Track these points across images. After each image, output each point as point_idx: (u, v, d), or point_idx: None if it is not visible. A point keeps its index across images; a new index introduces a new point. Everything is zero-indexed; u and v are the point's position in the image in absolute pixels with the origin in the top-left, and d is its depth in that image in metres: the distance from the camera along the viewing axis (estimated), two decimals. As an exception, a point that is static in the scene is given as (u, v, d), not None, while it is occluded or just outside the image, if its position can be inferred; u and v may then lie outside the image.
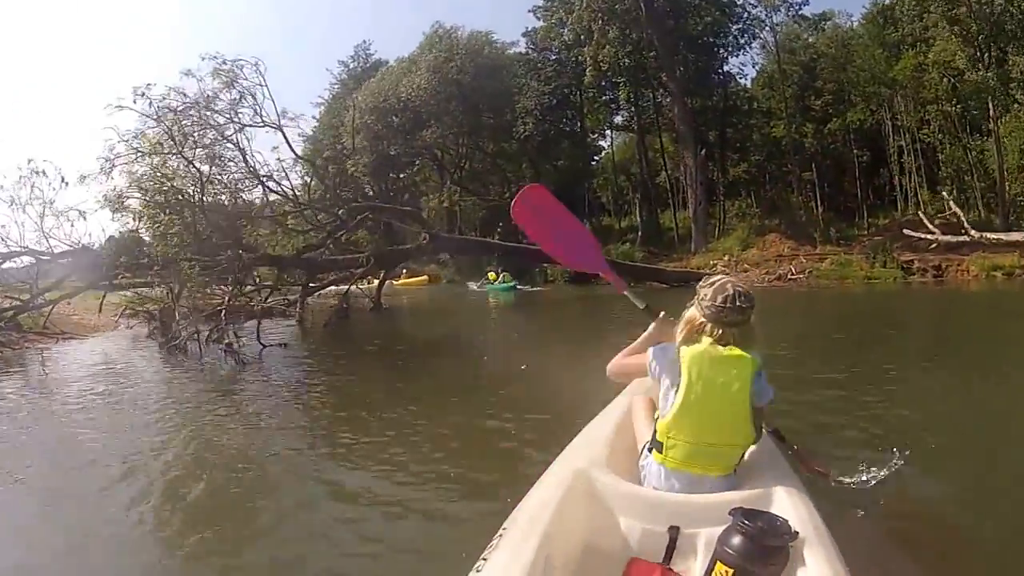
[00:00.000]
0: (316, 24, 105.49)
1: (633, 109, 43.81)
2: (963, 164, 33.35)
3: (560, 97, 44.83)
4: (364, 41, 63.81)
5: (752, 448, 3.35)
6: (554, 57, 44.91)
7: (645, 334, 4.06)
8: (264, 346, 13.54)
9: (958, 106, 33.14)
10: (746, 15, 38.67)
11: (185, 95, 17.82)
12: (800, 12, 37.88)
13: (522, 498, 3.22)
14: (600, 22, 37.20)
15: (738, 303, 3.17)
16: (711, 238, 35.22)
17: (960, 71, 31.26)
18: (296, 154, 21.21)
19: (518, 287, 33.27)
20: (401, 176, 55.18)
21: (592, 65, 38.30)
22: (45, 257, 17.10)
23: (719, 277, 3.37)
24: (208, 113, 18.19)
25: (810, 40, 40.26)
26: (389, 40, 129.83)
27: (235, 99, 18.53)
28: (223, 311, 14.46)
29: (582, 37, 39.71)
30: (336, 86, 58.18)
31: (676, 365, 3.17)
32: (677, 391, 3.13)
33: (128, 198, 17.02)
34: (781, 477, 3.18)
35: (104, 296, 18.39)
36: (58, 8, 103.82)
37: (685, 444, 3.12)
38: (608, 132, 51.86)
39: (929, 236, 27.46)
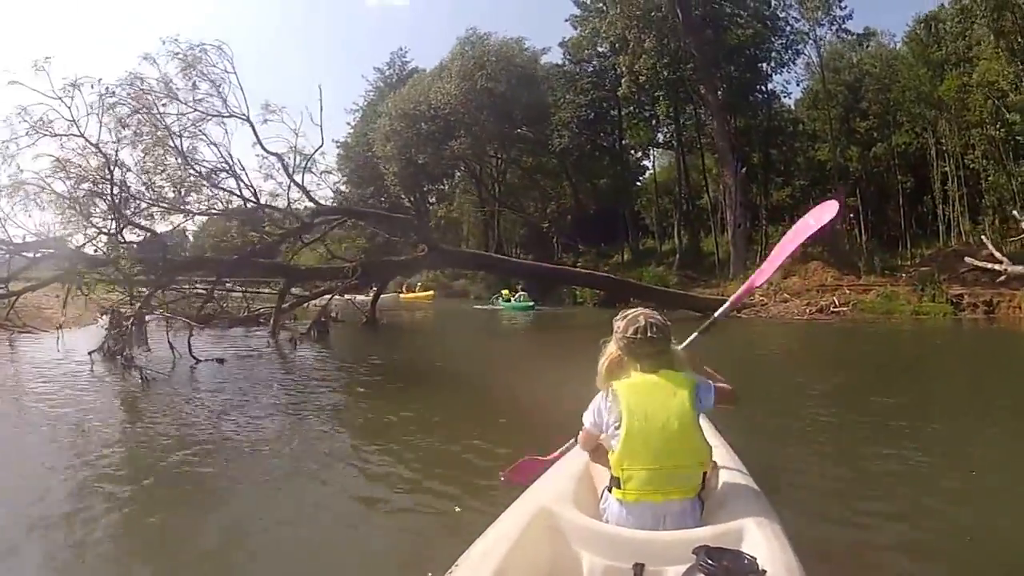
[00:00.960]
0: (360, 33, 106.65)
1: (673, 125, 42.25)
2: (1006, 192, 31.71)
3: (597, 110, 43.59)
4: (400, 48, 63.09)
5: (724, 479, 3.46)
6: (591, 68, 43.68)
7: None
8: (197, 360, 13.00)
9: (1002, 130, 31.74)
10: (789, 28, 37.09)
11: (143, 80, 16.90)
12: (844, 26, 36.01)
13: (480, 533, 3.15)
14: (635, 30, 35.76)
15: (649, 334, 3.29)
16: (751, 264, 33.27)
17: (1004, 92, 30.02)
18: (265, 149, 19.38)
19: (536, 307, 32.32)
20: (435, 187, 54.61)
21: (628, 75, 36.91)
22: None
23: (634, 310, 3.48)
24: (161, 100, 17.21)
25: (854, 59, 38.35)
26: (428, 48, 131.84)
27: (191, 86, 17.51)
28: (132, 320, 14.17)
29: (616, 45, 38.42)
30: (371, 93, 57.70)
31: (613, 403, 3.23)
32: (621, 424, 3.16)
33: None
34: (753, 510, 3.12)
35: (69, 290, 16.89)
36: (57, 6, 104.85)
37: (639, 472, 3.12)
38: (651, 151, 50.57)
39: (995, 266, 25.48)
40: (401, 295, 47.73)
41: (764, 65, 38.42)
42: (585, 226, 45.47)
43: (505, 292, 35.72)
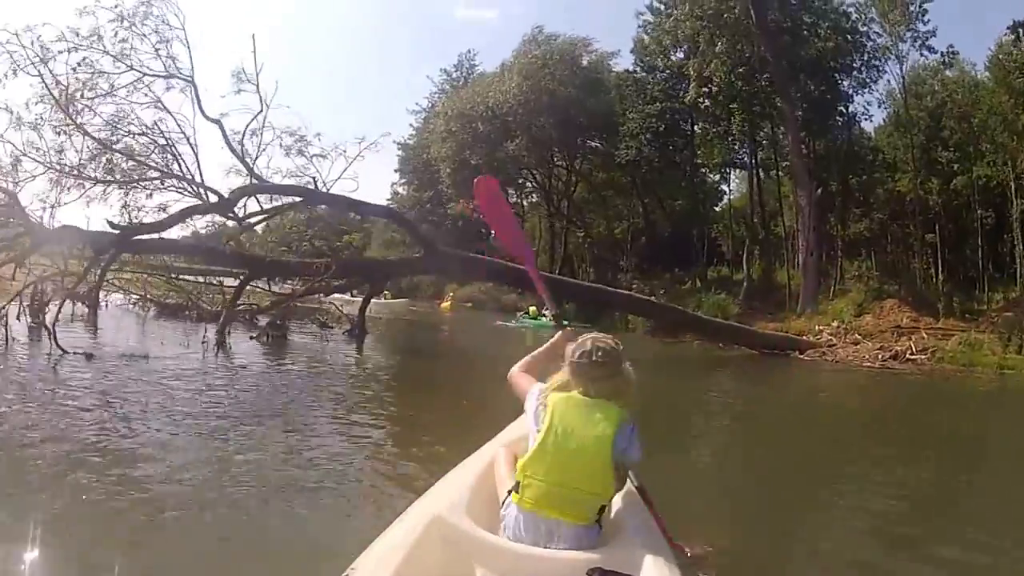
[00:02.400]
0: (448, 44, 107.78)
1: (748, 143, 39.45)
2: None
3: (668, 122, 40.62)
4: (469, 50, 60.86)
5: (620, 507, 3.52)
6: (662, 75, 40.91)
7: (548, 343, 4.16)
8: (64, 352, 12.27)
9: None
10: (870, 44, 34.18)
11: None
12: (927, 43, 33.16)
13: (373, 540, 3.12)
14: (706, 31, 33.55)
15: (594, 358, 3.37)
16: (822, 298, 30.60)
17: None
18: (205, 116, 17.60)
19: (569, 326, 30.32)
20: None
21: (696, 80, 34.57)
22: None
23: (590, 335, 3.57)
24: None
25: (935, 86, 35.17)
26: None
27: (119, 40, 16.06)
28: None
29: (685, 46, 36.35)
30: (436, 94, 55.83)
31: (543, 407, 3.35)
32: (538, 433, 3.28)
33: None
34: (649, 540, 3.20)
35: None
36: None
37: (540, 484, 3.19)
38: (728, 174, 48.16)
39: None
40: (441, 304, 46.72)
41: (844, 83, 35.47)
42: (658, 249, 43.34)
43: (532, 309, 34.54)
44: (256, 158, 18.21)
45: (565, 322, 4.46)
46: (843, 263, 35.14)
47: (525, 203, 56.67)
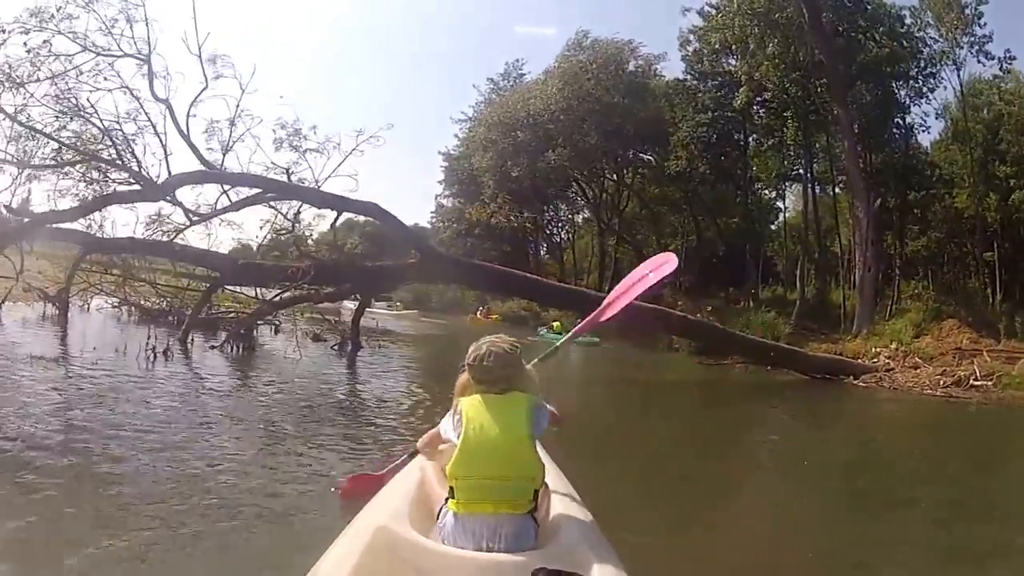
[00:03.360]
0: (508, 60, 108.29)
1: (802, 153, 37.51)
2: None
3: (720, 132, 38.91)
4: (518, 60, 57.72)
5: (553, 501, 3.62)
6: (713, 83, 39.06)
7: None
8: None
9: None
10: (927, 50, 32.78)
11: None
12: (984, 47, 31.56)
13: (321, 554, 3.16)
14: (756, 31, 32.20)
15: (485, 362, 3.47)
16: (879, 318, 28.69)
17: None
18: (155, 95, 16.37)
19: (599, 343, 29.86)
20: (545, 209, 52.08)
21: (747, 83, 33.36)
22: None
23: (487, 337, 3.63)
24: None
25: (993, 98, 33.95)
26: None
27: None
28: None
29: (733, 47, 34.91)
30: (482, 104, 53.27)
31: (459, 419, 3.37)
32: (459, 437, 3.30)
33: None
34: (588, 536, 3.28)
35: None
36: None
37: (472, 481, 3.24)
38: (784, 191, 46.49)
39: None
40: (470, 317, 45.43)
41: (900, 93, 34.08)
42: (712, 268, 42.25)
43: (556, 325, 33.64)
44: (229, 148, 17.11)
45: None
46: (900, 283, 33.71)
47: (577, 218, 55.91)
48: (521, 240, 55.61)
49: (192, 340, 15.85)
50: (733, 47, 35.09)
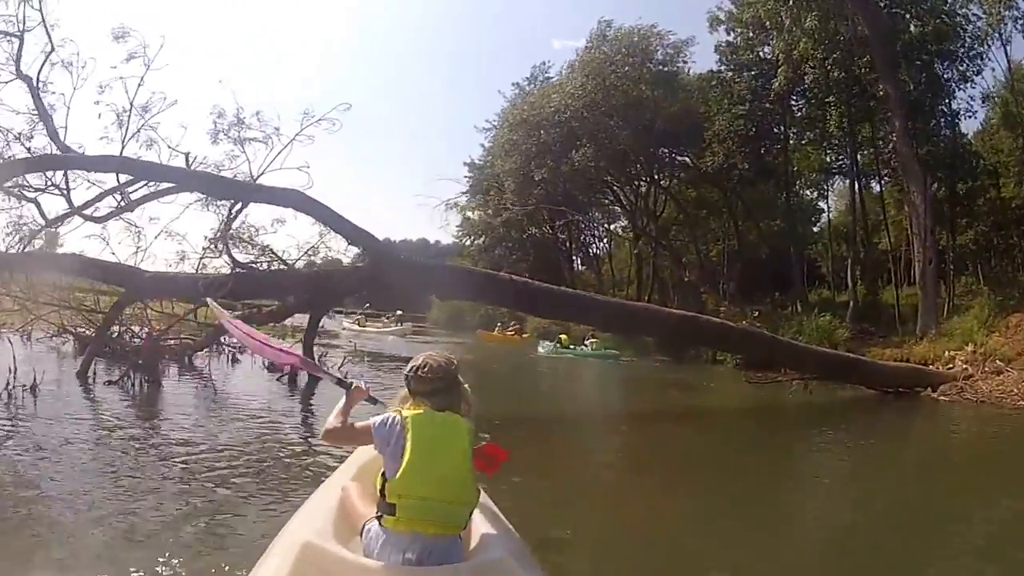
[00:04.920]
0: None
1: (847, 142, 35.05)
2: None
3: (758, 124, 36.19)
4: (544, 62, 56.73)
5: (480, 519, 3.63)
6: (749, 73, 36.49)
7: (340, 403, 3.89)
8: None
9: None
10: (971, 27, 30.58)
11: None
12: None
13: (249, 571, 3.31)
14: (792, 2, 30.08)
15: (420, 373, 3.52)
16: (941, 316, 26.12)
17: None
18: (20, 73, 14.23)
19: (619, 357, 29.21)
20: (575, 218, 49.72)
21: (785, 63, 31.22)
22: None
23: (427, 352, 3.70)
24: None
25: None
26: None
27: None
28: None
29: (768, 23, 32.54)
30: (507, 109, 50.48)
31: (401, 430, 3.36)
32: (404, 453, 3.28)
33: None
34: (511, 548, 3.41)
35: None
36: None
37: (416, 501, 3.24)
38: (826, 191, 44.73)
39: None
40: (479, 333, 44.05)
41: (948, 74, 32.00)
42: (756, 273, 39.94)
43: (563, 338, 32.48)
44: (128, 137, 14.64)
45: (351, 382, 4.06)
46: (953, 278, 32.01)
47: (614, 227, 53.98)
48: (555, 252, 53.27)
49: (94, 374, 13.35)
50: (767, 23, 32.81)
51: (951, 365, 20.26)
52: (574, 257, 56.97)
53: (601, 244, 57.50)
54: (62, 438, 8.51)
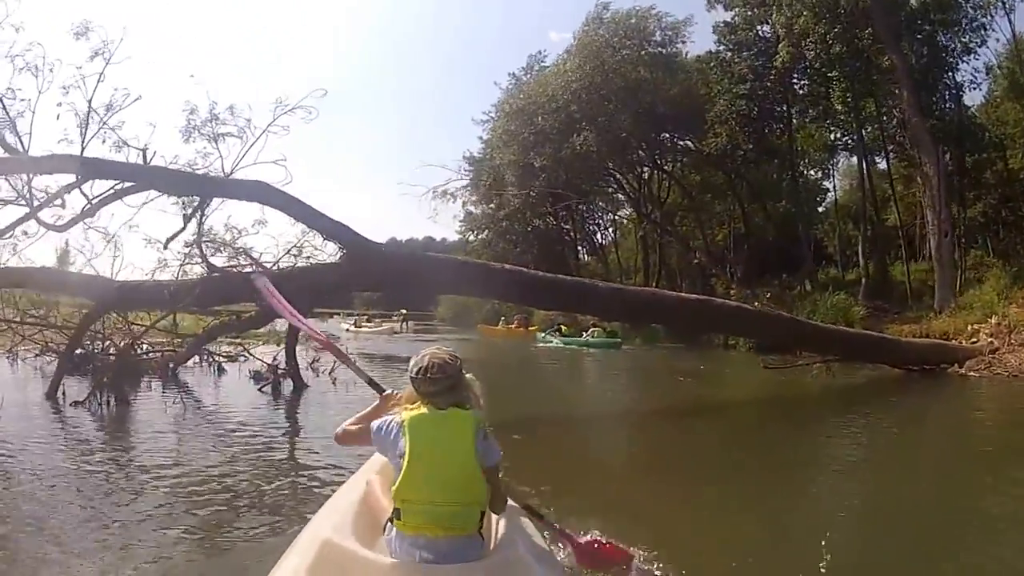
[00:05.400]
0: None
1: (851, 116, 34.10)
2: None
3: (760, 106, 35.86)
4: (539, 51, 54.95)
5: (503, 518, 3.53)
6: (749, 52, 35.79)
7: (371, 407, 4.04)
8: None
9: None
10: None
11: None
12: None
13: (270, 571, 3.13)
14: None
15: (429, 375, 3.30)
16: (959, 289, 25.77)
17: None
18: None
19: (621, 345, 29.01)
20: (579, 208, 49.06)
21: (787, 36, 30.69)
22: None
23: (428, 349, 3.51)
24: None
25: None
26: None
27: None
28: None
29: None
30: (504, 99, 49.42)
31: (398, 433, 3.29)
32: (404, 456, 3.21)
33: None
34: (532, 546, 3.36)
35: None
36: None
37: (420, 505, 3.18)
38: (830, 170, 44.39)
39: None
40: (480, 327, 44.35)
41: (951, 45, 31.55)
42: (762, 255, 39.54)
43: (564, 328, 33.14)
44: (89, 138, 13.16)
45: (385, 389, 4.19)
46: (964, 252, 31.38)
47: (618, 216, 53.61)
48: (559, 244, 52.65)
49: (63, 393, 12.13)
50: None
51: (975, 339, 19.58)
52: (579, 247, 56.35)
53: (607, 233, 57.20)
54: (22, 467, 7.57)
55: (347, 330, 42.65)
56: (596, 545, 4.33)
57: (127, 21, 42.06)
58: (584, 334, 31.31)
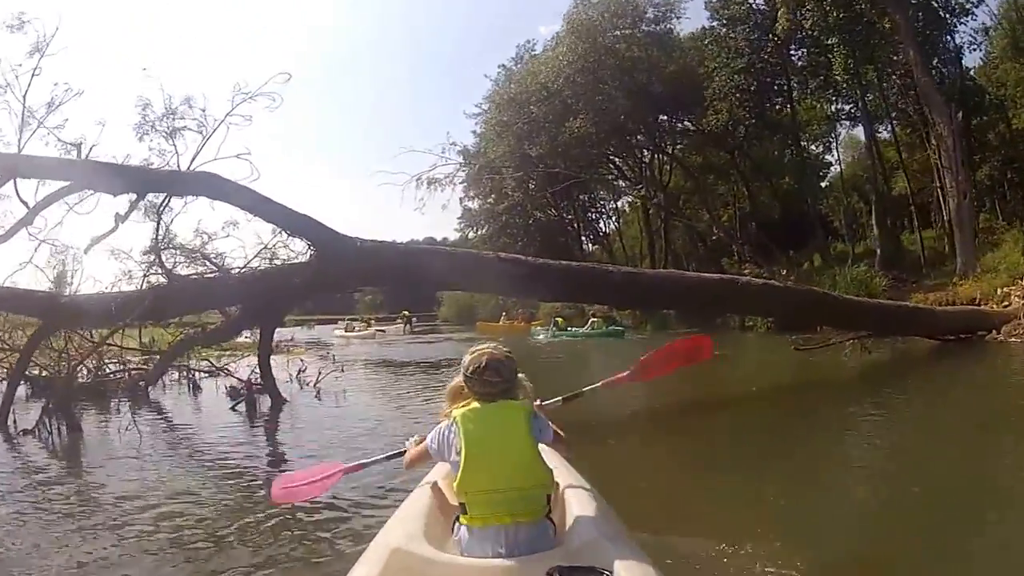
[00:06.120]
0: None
1: (855, 82, 32.92)
2: None
3: (759, 80, 34.99)
4: (528, 41, 53.04)
5: (569, 502, 3.45)
6: (744, 27, 34.88)
7: (411, 444, 4.00)
8: None
9: None
10: None
11: None
12: None
13: None
14: None
15: (485, 375, 3.30)
16: (980, 253, 25.02)
17: None
18: None
19: (623, 334, 28.68)
20: (581, 199, 48.16)
21: (783, 4, 30.07)
22: None
23: (483, 346, 3.48)
24: None
25: None
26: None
27: None
28: None
29: None
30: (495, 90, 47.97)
31: (452, 430, 3.28)
32: (461, 451, 3.19)
33: None
34: (604, 528, 3.20)
35: None
36: None
37: (484, 495, 3.16)
38: (831, 144, 43.31)
39: None
40: (479, 324, 43.39)
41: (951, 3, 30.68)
42: (769, 232, 38.78)
43: (560, 321, 32.83)
44: (29, 136, 11.97)
45: (402, 448, 4.08)
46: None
47: (620, 204, 53.49)
48: (562, 235, 51.73)
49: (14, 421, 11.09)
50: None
51: (1006, 303, 18.77)
52: (583, 237, 55.18)
53: (610, 222, 56.57)
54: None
55: (339, 336, 41.97)
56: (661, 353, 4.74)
57: (77, 10, 39.86)
58: (588, 324, 30.63)
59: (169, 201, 12.36)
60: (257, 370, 13.16)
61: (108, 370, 14.38)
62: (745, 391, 13.34)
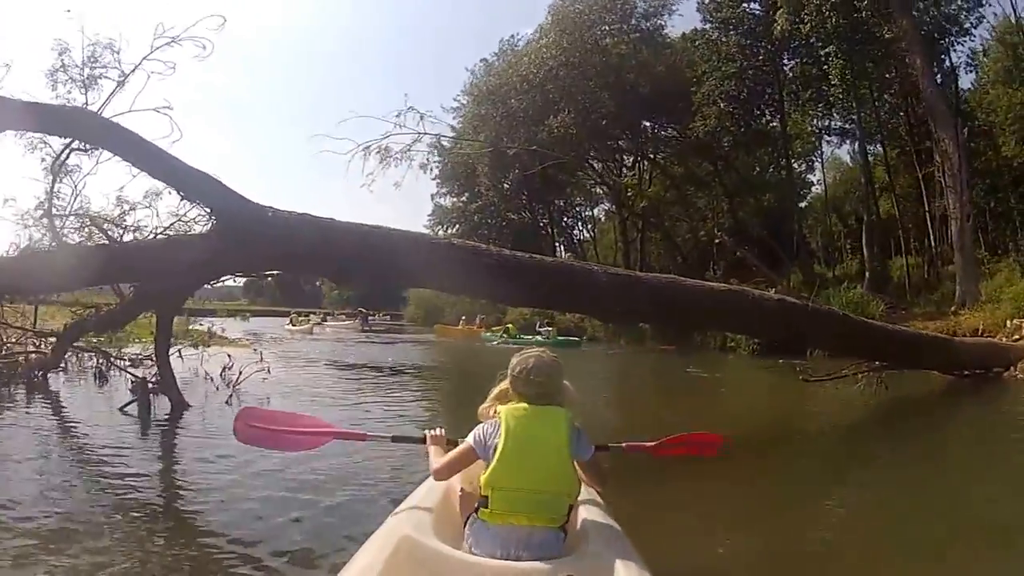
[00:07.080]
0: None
1: (849, 96, 31.97)
2: None
3: (749, 86, 34.10)
4: (513, 35, 53.26)
5: (582, 513, 3.46)
6: (736, 32, 34.08)
7: (432, 450, 3.82)
8: None
9: None
10: None
11: None
12: None
13: (344, 565, 2.99)
14: None
15: (531, 376, 3.34)
16: (983, 278, 23.97)
17: None
18: None
19: (579, 344, 28.53)
20: (556, 202, 46.92)
21: (784, 4, 29.20)
22: None
23: (532, 350, 3.53)
24: None
25: None
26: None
27: None
28: None
29: None
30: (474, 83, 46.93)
31: (495, 425, 3.28)
32: (497, 446, 3.21)
33: None
34: (615, 544, 3.20)
35: None
36: None
37: (509, 492, 3.17)
38: (814, 162, 42.97)
39: None
40: (437, 327, 42.11)
41: (953, 13, 30.52)
42: (749, 250, 36.13)
43: (510, 327, 32.29)
44: None
45: (423, 434, 3.99)
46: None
47: (596, 212, 53.05)
48: (536, 238, 50.50)
49: None
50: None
51: (1016, 336, 17.33)
52: (556, 244, 54.09)
53: (585, 229, 56.09)
54: None
55: (287, 330, 41.21)
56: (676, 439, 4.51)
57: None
58: (538, 332, 30.45)
59: (67, 157, 10.17)
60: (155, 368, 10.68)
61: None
62: (754, 425, 11.23)
